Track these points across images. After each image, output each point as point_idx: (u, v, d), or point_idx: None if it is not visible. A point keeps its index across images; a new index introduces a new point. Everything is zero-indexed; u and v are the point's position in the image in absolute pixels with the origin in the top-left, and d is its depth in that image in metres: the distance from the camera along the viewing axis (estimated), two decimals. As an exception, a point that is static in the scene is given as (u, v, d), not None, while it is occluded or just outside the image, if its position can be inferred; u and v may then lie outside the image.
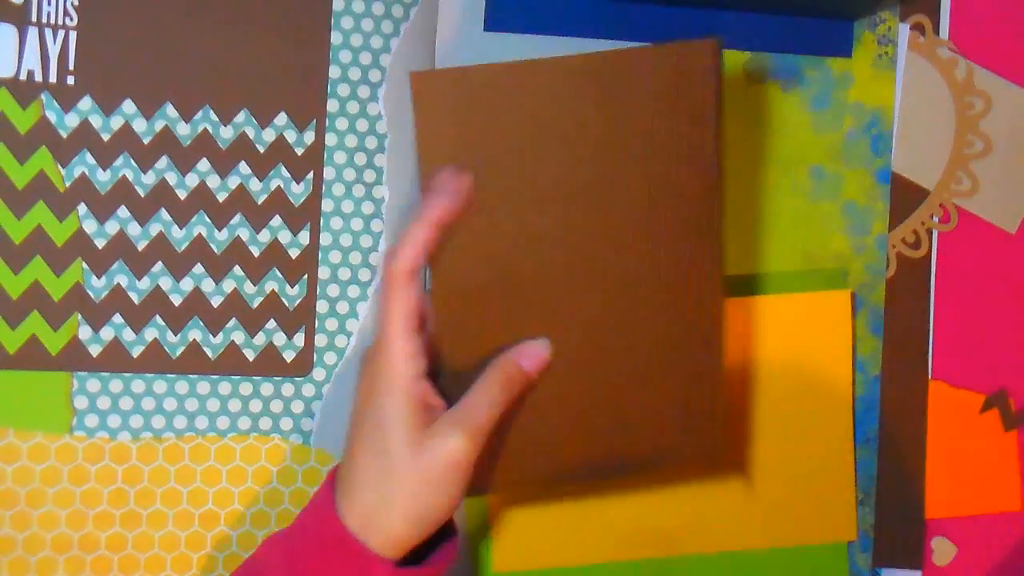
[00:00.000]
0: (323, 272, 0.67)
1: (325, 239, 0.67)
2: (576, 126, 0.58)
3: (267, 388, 0.66)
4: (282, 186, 0.66)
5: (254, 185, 0.66)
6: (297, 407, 0.66)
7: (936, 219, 0.75)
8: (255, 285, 0.66)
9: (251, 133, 0.66)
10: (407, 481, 0.54)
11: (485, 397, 0.56)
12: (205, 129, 0.65)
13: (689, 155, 0.58)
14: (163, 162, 0.65)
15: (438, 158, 0.57)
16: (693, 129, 0.58)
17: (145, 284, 0.65)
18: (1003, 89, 0.75)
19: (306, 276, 0.67)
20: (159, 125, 0.65)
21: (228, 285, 0.66)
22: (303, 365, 0.67)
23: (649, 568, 0.71)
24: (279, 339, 0.66)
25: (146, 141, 0.65)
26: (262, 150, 0.66)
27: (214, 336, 0.66)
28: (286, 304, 0.66)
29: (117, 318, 0.64)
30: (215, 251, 0.66)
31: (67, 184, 0.64)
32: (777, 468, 0.72)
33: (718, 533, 0.71)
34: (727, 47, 0.72)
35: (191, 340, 0.65)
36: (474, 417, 0.55)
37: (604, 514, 0.70)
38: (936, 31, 0.75)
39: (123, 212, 0.64)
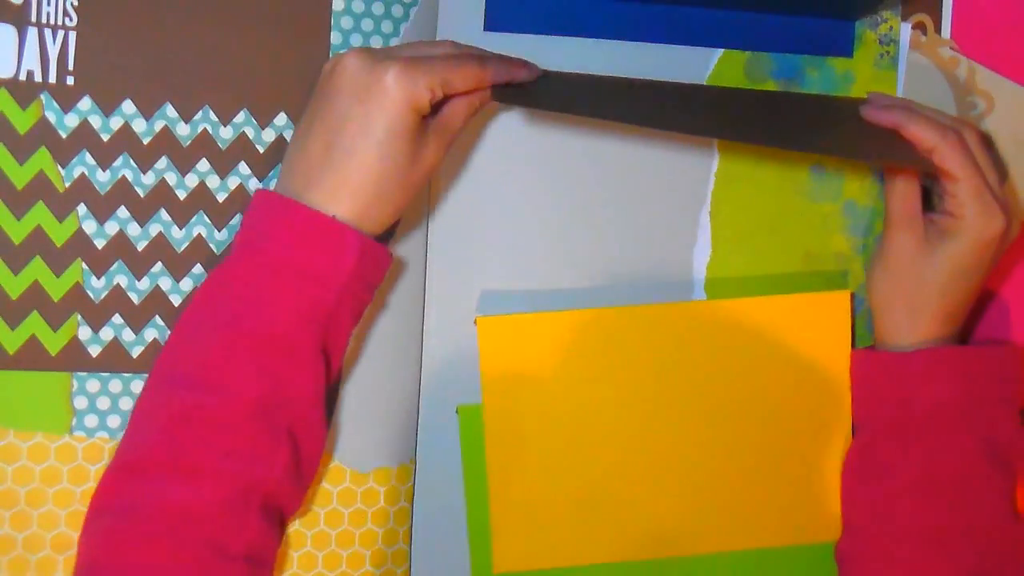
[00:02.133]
0: (323, 272, 0.67)
1: (325, 239, 0.67)
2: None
3: (267, 388, 0.66)
4: (282, 186, 0.66)
5: (254, 185, 0.66)
6: (297, 407, 0.67)
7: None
8: (255, 285, 0.66)
9: (251, 133, 0.66)
10: (405, 183, 0.60)
11: (464, 108, 0.62)
12: (205, 129, 0.65)
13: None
14: (163, 162, 0.65)
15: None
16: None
17: (145, 284, 0.65)
18: (1005, 89, 0.75)
19: (306, 276, 0.67)
20: (159, 125, 0.65)
21: (228, 285, 0.66)
22: (303, 365, 0.67)
23: (650, 568, 0.71)
24: (279, 339, 0.66)
25: (146, 141, 0.65)
26: (262, 150, 0.66)
27: (214, 336, 0.66)
28: (286, 304, 0.66)
29: (117, 318, 0.64)
30: (214, 252, 0.66)
31: (67, 184, 0.64)
32: (777, 468, 0.71)
33: (717, 533, 0.71)
34: (727, 46, 0.72)
35: (191, 340, 0.65)
36: (453, 129, 0.62)
37: (604, 515, 0.70)
38: (938, 31, 0.74)
39: (123, 212, 0.64)
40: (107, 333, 0.64)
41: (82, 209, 0.64)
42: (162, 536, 0.55)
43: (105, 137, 0.64)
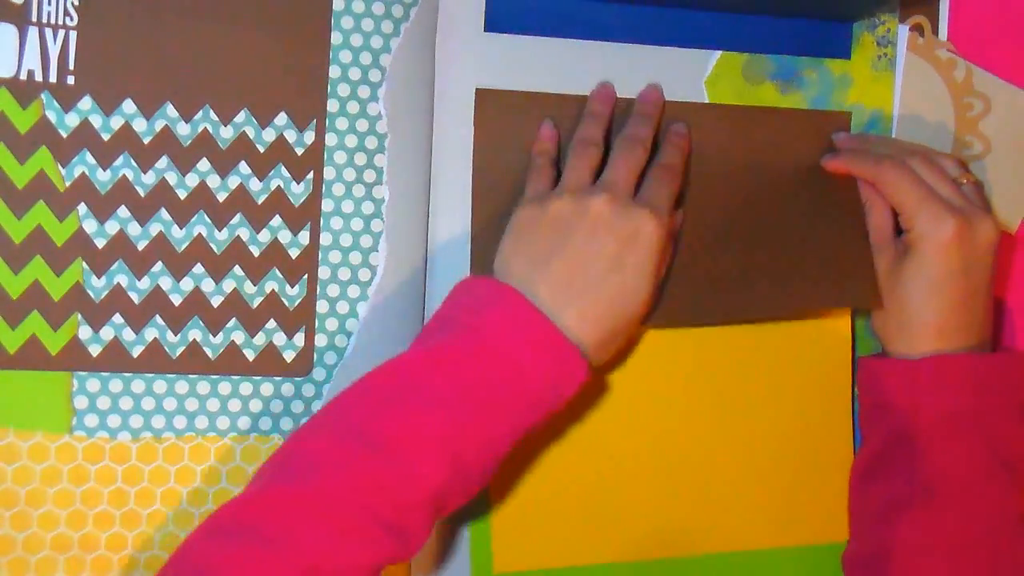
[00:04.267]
0: (323, 272, 0.67)
1: (325, 239, 0.67)
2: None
3: (267, 388, 0.66)
4: (282, 186, 0.66)
5: (254, 185, 0.66)
6: (297, 407, 0.66)
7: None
8: (255, 285, 0.66)
9: (251, 133, 0.66)
10: (639, 314, 0.64)
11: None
12: (205, 129, 0.65)
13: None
14: (163, 162, 0.65)
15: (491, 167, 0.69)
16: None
17: (145, 284, 0.65)
18: (1002, 90, 0.75)
19: (306, 276, 0.67)
20: (159, 125, 0.65)
21: (228, 285, 0.66)
22: (303, 365, 0.67)
23: (652, 569, 0.70)
24: (279, 339, 0.66)
25: (146, 141, 0.65)
26: (262, 150, 0.66)
27: (214, 336, 0.66)
28: (286, 304, 0.66)
29: (117, 318, 0.64)
30: (215, 251, 0.66)
31: (67, 184, 0.64)
32: (777, 468, 0.71)
33: (717, 533, 0.71)
34: (726, 48, 0.72)
35: (191, 340, 0.65)
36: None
37: (604, 515, 0.70)
38: (935, 32, 0.75)
39: (123, 212, 0.64)
40: (107, 332, 0.64)
41: (82, 208, 0.64)
42: None
43: (105, 136, 0.64)
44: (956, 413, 0.66)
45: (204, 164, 0.65)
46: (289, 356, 0.67)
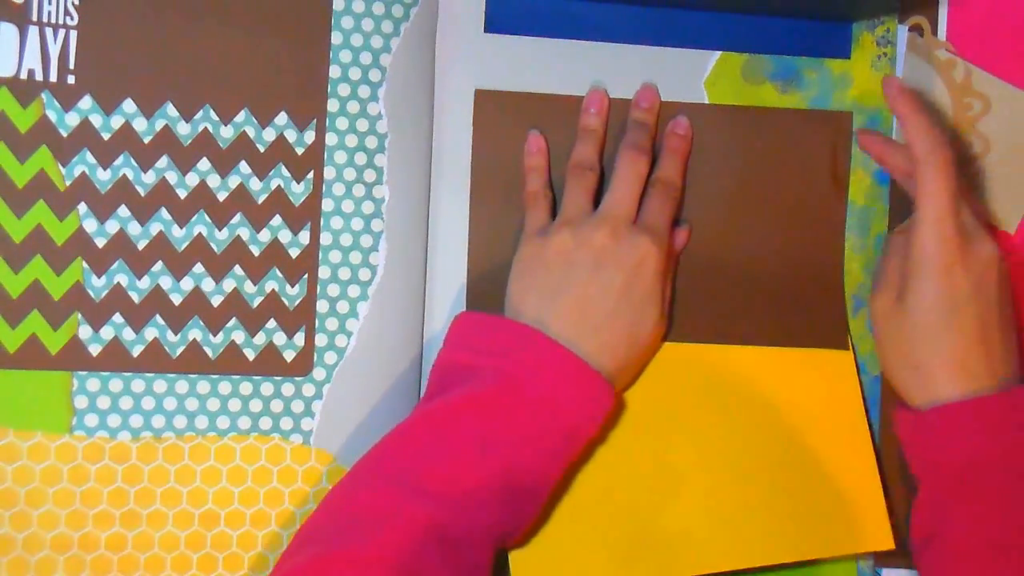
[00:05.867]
0: (323, 272, 0.67)
1: (325, 239, 0.67)
2: None
3: (267, 388, 0.66)
4: (282, 186, 0.66)
5: (254, 185, 0.66)
6: (297, 407, 0.66)
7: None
8: (255, 285, 0.66)
9: (251, 133, 0.66)
10: (655, 340, 0.67)
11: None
12: (205, 128, 0.65)
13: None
14: (163, 161, 0.65)
15: (489, 168, 0.69)
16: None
17: (145, 284, 0.65)
18: (1001, 90, 0.75)
19: (306, 276, 0.67)
20: (159, 124, 0.65)
21: (228, 285, 0.66)
22: (303, 365, 0.67)
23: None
24: (279, 339, 0.66)
25: (146, 140, 0.65)
26: (262, 150, 0.66)
27: (214, 336, 0.66)
28: (286, 304, 0.66)
29: (117, 317, 0.64)
30: (215, 251, 0.66)
31: (67, 183, 0.64)
32: (800, 483, 0.70)
33: (740, 550, 0.69)
34: (725, 49, 0.72)
35: (191, 340, 0.65)
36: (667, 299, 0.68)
37: (624, 536, 0.68)
38: (935, 32, 0.75)
39: (123, 211, 0.64)
40: (107, 332, 0.64)
41: (83, 208, 0.64)
42: None
43: (106, 136, 0.64)
44: (978, 463, 0.61)
45: (204, 164, 0.65)
46: (289, 356, 0.66)
